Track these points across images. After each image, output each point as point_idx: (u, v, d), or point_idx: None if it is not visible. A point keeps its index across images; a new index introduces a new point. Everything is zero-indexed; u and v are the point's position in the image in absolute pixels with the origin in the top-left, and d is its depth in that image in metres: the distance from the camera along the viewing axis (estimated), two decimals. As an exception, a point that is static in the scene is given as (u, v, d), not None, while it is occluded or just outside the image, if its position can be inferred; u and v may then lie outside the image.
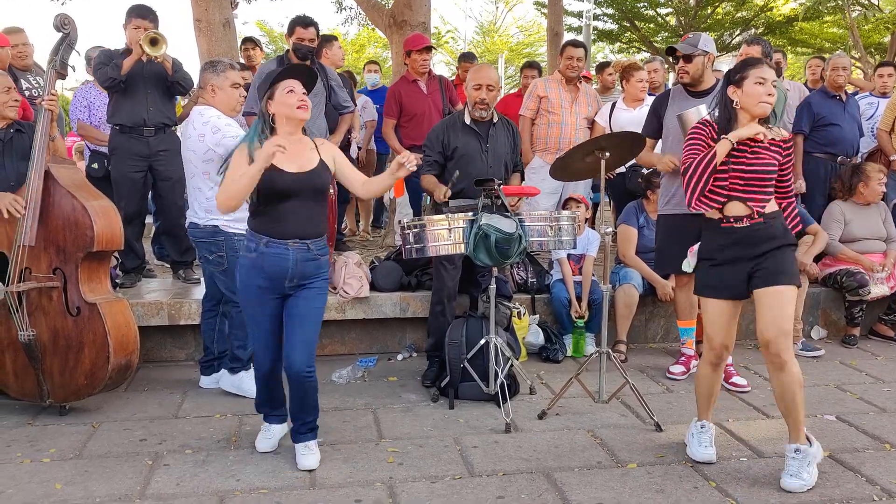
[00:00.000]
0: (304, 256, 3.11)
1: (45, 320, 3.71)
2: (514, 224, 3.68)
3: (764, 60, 3.18)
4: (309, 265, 3.13)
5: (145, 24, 4.78)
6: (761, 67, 3.11)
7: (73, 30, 3.92)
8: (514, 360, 4.02)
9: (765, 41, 5.89)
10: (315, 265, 3.16)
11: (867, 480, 3.17)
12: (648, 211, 5.05)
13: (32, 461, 3.31)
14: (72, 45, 3.93)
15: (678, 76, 4.29)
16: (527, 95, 5.80)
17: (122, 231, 3.92)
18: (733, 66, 3.23)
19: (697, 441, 3.35)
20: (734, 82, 3.15)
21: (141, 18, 4.79)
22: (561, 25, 13.38)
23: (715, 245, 3.20)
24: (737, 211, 3.15)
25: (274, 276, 3.11)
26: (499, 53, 28.10)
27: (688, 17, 16.25)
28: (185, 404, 4.04)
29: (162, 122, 4.95)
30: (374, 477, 3.17)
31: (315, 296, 3.18)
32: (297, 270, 3.11)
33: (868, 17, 14.80)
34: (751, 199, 3.13)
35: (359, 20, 14.57)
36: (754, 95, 3.09)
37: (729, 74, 3.20)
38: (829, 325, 5.48)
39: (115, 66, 4.73)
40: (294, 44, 5.36)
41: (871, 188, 5.35)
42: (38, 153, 3.71)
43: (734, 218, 3.14)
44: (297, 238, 3.10)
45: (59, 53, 3.90)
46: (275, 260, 3.09)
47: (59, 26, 3.90)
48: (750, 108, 3.12)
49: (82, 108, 5.49)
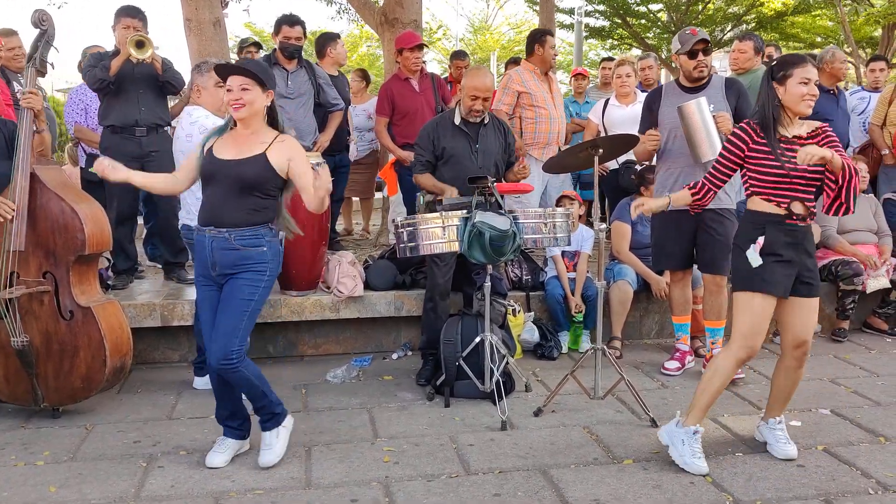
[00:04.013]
0: (220, 245, 3.07)
1: (37, 325, 3.68)
2: (508, 221, 3.67)
3: (806, 58, 3.13)
4: (228, 254, 3.07)
5: (134, 24, 4.74)
6: (806, 67, 3.09)
7: (51, 26, 3.83)
8: (509, 357, 4.02)
9: (756, 36, 5.91)
10: (237, 255, 3.08)
11: (862, 474, 3.17)
12: (642, 207, 5.05)
13: (26, 464, 3.29)
14: (50, 41, 3.85)
15: (696, 71, 4.19)
16: (502, 89, 5.60)
17: (111, 232, 3.89)
18: (776, 63, 3.19)
19: (690, 450, 3.19)
20: (777, 80, 3.13)
21: (130, 18, 4.75)
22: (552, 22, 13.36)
23: (780, 241, 3.16)
24: (801, 210, 3.15)
25: (201, 263, 3.15)
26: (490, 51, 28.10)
27: (679, 12, 16.29)
28: (178, 405, 4.02)
29: (154, 122, 4.91)
30: (370, 476, 3.16)
31: (240, 286, 3.09)
32: (214, 259, 3.09)
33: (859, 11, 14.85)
34: (808, 199, 3.15)
35: (348, 17, 14.54)
36: (797, 94, 3.09)
37: (772, 71, 3.15)
38: (823, 319, 5.48)
39: (104, 67, 4.69)
40: (280, 42, 5.33)
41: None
42: (23, 155, 3.63)
43: (797, 216, 3.14)
44: (213, 226, 3.08)
45: (38, 51, 3.81)
46: (197, 247, 3.16)
47: (37, 22, 3.80)
48: (793, 107, 3.12)
49: (79, 111, 5.46)
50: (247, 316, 3.11)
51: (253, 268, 3.10)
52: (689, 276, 4.46)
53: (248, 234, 3.09)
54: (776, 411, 3.38)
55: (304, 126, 5.37)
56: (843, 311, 5.26)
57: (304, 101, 5.39)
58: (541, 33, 5.70)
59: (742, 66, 5.62)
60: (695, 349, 4.75)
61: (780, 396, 3.36)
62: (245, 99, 3.03)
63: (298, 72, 5.40)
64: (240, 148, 3.09)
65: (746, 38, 5.76)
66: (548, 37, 5.61)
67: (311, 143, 5.41)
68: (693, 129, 3.98)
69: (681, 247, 4.30)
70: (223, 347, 3.05)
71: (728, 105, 4.20)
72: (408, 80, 5.84)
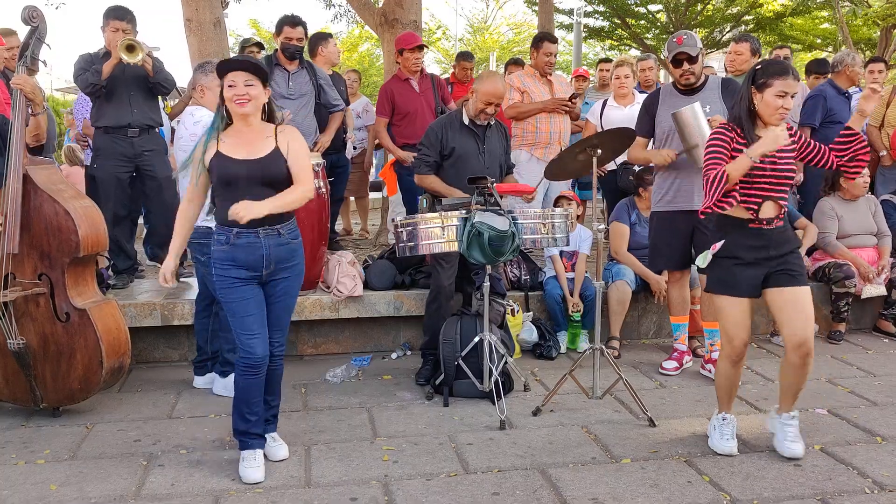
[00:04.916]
0: (275, 242, 3.11)
1: (34, 327, 3.68)
2: (507, 222, 3.69)
3: (790, 70, 3.09)
4: (282, 249, 3.13)
5: (122, 26, 4.74)
6: (786, 79, 3.06)
7: (42, 22, 3.79)
8: (508, 357, 4.03)
9: (753, 38, 5.93)
10: (288, 249, 3.15)
11: (859, 473, 3.19)
12: (640, 208, 5.07)
13: (27, 463, 3.30)
14: (41, 38, 3.81)
15: (683, 78, 4.21)
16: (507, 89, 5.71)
17: (107, 231, 3.88)
18: (760, 67, 3.16)
19: (719, 433, 3.38)
20: (756, 86, 3.12)
21: (118, 20, 4.75)
22: (552, 23, 13.38)
23: (743, 245, 3.20)
24: (769, 212, 3.17)
25: (252, 264, 3.09)
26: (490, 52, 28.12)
27: (678, 13, 16.29)
28: (178, 405, 4.03)
29: (146, 123, 4.94)
30: (370, 475, 3.18)
31: (293, 285, 3.23)
32: (271, 256, 3.11)
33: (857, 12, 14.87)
34: (781, 198, 3.17)
35: (348, 18, 14.54)
36: (772, 106, 3.09)
37: (754, 75, 3.14)
38: (820, 320, 5.50)
39: (95, 71, 4.71)
40: (282, 43, 5.35)
41: (853, 182, 5.35)
42: (16, 158, 3.60)
43: (766, 220, 3.17)
44: (266, 225, 3.07)
45: (29, 48, 3.77)
46: (244, 249, 3.07)
47: (28, 19, 3.76)
48: (765, 117, 3.14)
49: (88, 109, 5.50)
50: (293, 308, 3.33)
51: (299, 264, 3.23)
52: (686, 276, 4.48)
53: (292, 227, 3.19)
54: (787, 405, 3.37)
55: (305, 127, 5.37)
56: (838, 313, 5.27)
57: (305, 102, 5.40)
58: (538, 38, 5.76)
59: (739, 67, 5.63)
60: (693, 349, 4.77)
61: (788, 391, 3.36)
62: (250, 94, 3.02)
63: (300, 72, 5.42)
64: (251, 146, 3.07)
65: (743, 40, 5.78)
66: (545, 42, 5.64)
67: (312, 143, 5.42)
68: (688, 135, 3.99)
69: (677, 247, 4.32)
70: (282, 341, 3.25)
71: (724, 106, 4.22)
72: (408, 80, 5.86)
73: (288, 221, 3.16)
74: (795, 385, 3.33)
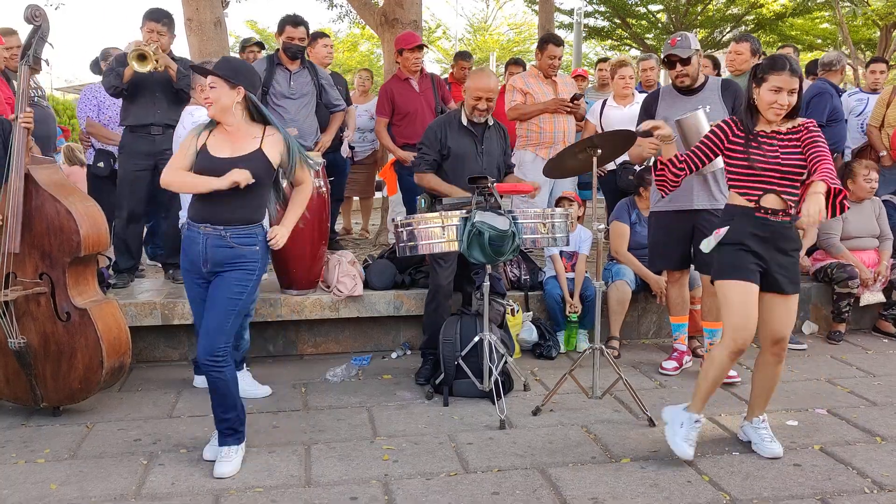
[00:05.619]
0: (215, 242, 3.10)
1: (35, 326, 3.68)
2: (507, 221, 3.69)
3: (788, 65, 3.11)
4: (221, 251, 3.10)
5: (157, 28, 4.83)
6: (780, 75, 3.10)
7: (45, 21, 3.79)
8: (507, 357, 4.03)
9: (753, 38, 5.93)
10: (230, 253, 3.11)
11: (858, 473, 3.19)
12: (640, 208, 5.07)
13: (27, 462, 3.30)
14: (44, 37, 3.81)
15: (678, 80, 4.22)
16: (508, 91, 5.71)
17: (108, 231, 3.88)
18: (762, 63, 3.22)
19: (686, 433, 3.26)
20: (756, 81, 3.18)
21: (153, 21, 4.84)
22: (552, 23, 13.38)
23: (747, 232, 3.20)
24: (773, 203, 3.18)
25: (190, 259, 3.16)
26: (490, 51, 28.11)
27: (679, 14, 16.31)
28: (179, 404, 4.04)
29: (169, 123, 4.97)
30: (370, 474, 3.18)
31: (228, 284, 3.11)
32: (207, 255, 3.11)
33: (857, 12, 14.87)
34: (785, 192, 3.18)
35: (350, 18, 14.54)
36: (766, 101, 3.15)
37: (756, 70, 3.20)
38: (820, 320, 5.51)
39: (118, 74, 4.80)
40: (284, 43, 5.35)
41: (859, 185, 5.35)
42: (18, 156, 3.61)
43: (771, 210, 3.17)
44: (209, 223, 3.10)
45: (31, 47, 3.77)
46: (188, 242, 3.16)
47: (31, 18, 3.75)
48: (761, 111, 3.19)
49: (91, 107, 5.58)
50: (234, 315, 3.13)
51: (244, 266, 3.14)
52: (686, 276, 4.48)
53: (244, 233, 3.13)
54: (758, 410, 3.43)
55: (307, 126, 5.39)
56: (839, 313, 5.27)
57: (306, 102, 5.41)
58: (543, 40, 5.80)
59: (739, 67, 5.63)
60: (692, 349, 4.77)
61: (762, 394, 3.40)
62: (212, 96, 3.07)
63: (301, 72, 5.42)
64: (234, 145, 3.12)
65: (743, 40, 5.78)
66: (549, 45, 5.66)
67: (313, 143, 5.43)
68: (692, 142, 3.99)
69: (676, 248, 4.32)
70: (210, 345, 3.08)
71: (725, 106, 4.22)
72: (408, 80, 5.86)
73: (240, 226, 3.12)
74: (768, 386, 3.38)
